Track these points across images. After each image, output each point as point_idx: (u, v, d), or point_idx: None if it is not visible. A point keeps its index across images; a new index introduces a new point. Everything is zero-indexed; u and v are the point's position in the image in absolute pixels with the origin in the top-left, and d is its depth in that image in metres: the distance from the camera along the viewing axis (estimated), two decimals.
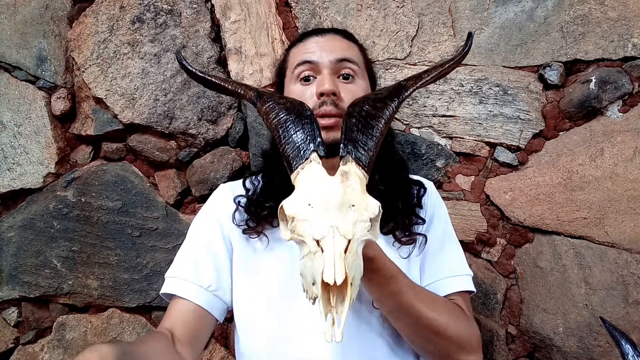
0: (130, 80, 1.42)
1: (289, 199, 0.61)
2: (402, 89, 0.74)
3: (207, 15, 1.42)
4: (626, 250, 1.14)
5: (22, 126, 1.50)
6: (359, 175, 0.62)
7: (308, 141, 0.66)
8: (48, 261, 1.45)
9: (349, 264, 0.53)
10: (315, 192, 0.59)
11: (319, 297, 0.53)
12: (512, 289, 1.24)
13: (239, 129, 1.40)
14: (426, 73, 0.78)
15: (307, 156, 0.64)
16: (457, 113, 1.27)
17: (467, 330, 0.83)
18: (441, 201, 1.00)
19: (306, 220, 0.57)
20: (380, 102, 0.72)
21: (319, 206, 0.58)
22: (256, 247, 0.91)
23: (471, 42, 0.82)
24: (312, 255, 0.55)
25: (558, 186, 1.20)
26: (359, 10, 1.34)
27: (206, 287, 0.87)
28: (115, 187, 1.43)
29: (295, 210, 0.59)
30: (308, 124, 0.68)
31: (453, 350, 0.81)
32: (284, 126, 0.68)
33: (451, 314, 0.82)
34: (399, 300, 0.77)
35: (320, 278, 0.52)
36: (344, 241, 0.55)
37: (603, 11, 1.20)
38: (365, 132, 0.67)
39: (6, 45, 1.52)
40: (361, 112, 0.69)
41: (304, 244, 0.57)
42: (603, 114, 1.20)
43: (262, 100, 0.74)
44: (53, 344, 1.46)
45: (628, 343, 0.86)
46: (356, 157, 0.64)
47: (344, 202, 0.58)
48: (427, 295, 0.82)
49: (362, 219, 0.58)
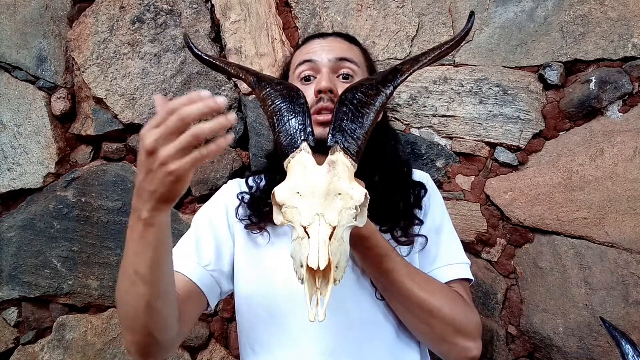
0: (130, 80, 1.42)
1: (280, 186, 0.64)
2: (397, 73, 0.75)
3: (207, 15, 1.42)
4: (626, 250, 1.14)
5: (22, 126, 1.50)
6: (347, 164, 0.65)
7: (300, 130, 0.68)
8: (48, 261, 1.45)
9: (332, 250, 0.57)
10: (303, 181, 0.63)
11: (304, 279, 0.57)
12: (512, 289, 1.24)
13: (239, 129, 1.40)
14: (424, 55, 0.77)
15: (297, 145, 0.67)
16: (457, 113, 1.27)
17: (463, 314, 0.82)
18: (437, 193, 1.01)
19: (295, 207, 0.61)
20: (373, 89, 0.73)
21: (307, 194, 0.61)
22: (258, 241, 0.92)
23: (472, 22, 0.80)
24: (300, 240, 0.59)
25: (558, 186, 1.20)
26: (359, 10, 1.34)
27: (204, 265, 0.88)
28: (115, 187, 1.43)
29: (285, 197, 0.62)
30: (300, 112, 0.70)
31: (448, 333, 0.81)
32: (279, 114, 0.71)
33: (446, 296, 0.82)
34: (392, 278, 0.79)
35: (306, 262, 0.56)
36: (329, 228, 0.59)
37: (603, 11, 1.20)
38: (355, 120, 0.69)
39: (6, 45, 1.52)
40: (353, 99, 0.71)
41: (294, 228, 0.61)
42: (603, 114, 1.20)
43: (261, 86, 0.77)
44: (53, 344, 1.46)
45: (628, 343, 0.86)
46: (344, 146, 0.66)
47: (330, 191, 0.61)
48: (421, 276, 0.83)
49: (348, 207, 0.61)
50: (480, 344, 0.84)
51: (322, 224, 0.59)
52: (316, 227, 0.58)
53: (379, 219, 0.85)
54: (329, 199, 0.61)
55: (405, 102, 1.30)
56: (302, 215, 0.60)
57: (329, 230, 0.58)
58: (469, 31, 0.80)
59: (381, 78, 0.75)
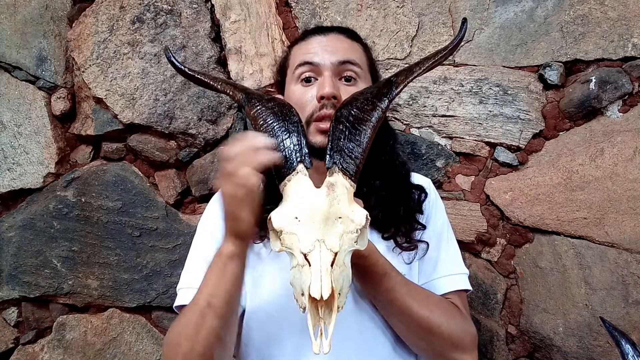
0: (130, 80, 1.42)
1: (276, 211, 0.62)
2: (392, 86, 0.73)
3: (207, 15, 1.42)
4: (626, 250, 1.14)
5: (22, 126, 1.50)
6: (346, 185, 0.63)
7: (295, 151, 0.66)
8: (48, 261, 1.45)
9: (335, 277, 0.55)
10: (301, 205, 0.60)
11: (307, 309, 0.55)
12: (512, 289, 1.24)
13: (239, 129, 1.40)
14: (417, 66, 0.76)
15: (294, 167, 0.64)
16: (457, 113, 1.27)
17: (461, 329, 0.82)
18: (439, 200, 0.99)
19: (293, 233, 0.58)
20: (369, 104, 0.71)
21: (306, 220, 0.59)
22: (260, 253, 0.89)
23: (465, 29, 0.79)
24: (300, 268, 0.56)
25: (558, 186, 1.20)
26: (359, 10, 1.34)
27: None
28: (115, 187, 1.43)
29: (282, 223, 0.60)
30: (295, 132, 0.68)
31: (446, 348, 0.81)
32: (272, 133, 0.69)
33: (445, 312, 0.82)
34: (392, 297, 0.77)
35: (308, 291, 0.54)
36: (330, 254, 0.56)
37: (603, 11, 1.20)
38: (352, 138, 0.67)
39: (6, 45, 1.52)
40: (349, 116, 0.69)
41: (293, 255, 0.58)
42: (603, 114, 1.20)
43: (251, 104, 0.74)
44: (53, 344, 1.46)
45: (628, 343, 0.86)
46: (342, 167, 0.64)
47: (330, 215, 0.59)
48: (420, 292, 0.82)
49: (349, 231, 0.59)
50: (476, 355, 0.85)
51: (323, 250, 0.56)
52: (317, 254, 0.56)
53: (381, 225, 0.85)
54: (329, 224, 0.58)
55: (405, 102, 1.30)
56: (301, 242, 0.57)
57: (330, 256, 0.56)
58: (462, 39, 0.80)
59: (376, 91, 0.73)
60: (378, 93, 0.72)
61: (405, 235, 0.87)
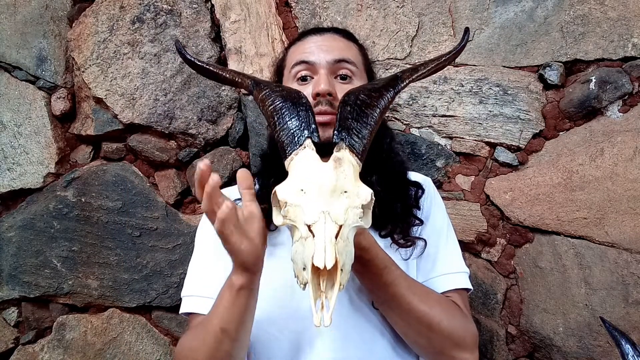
0: (130, 80, 1.42)
1: (282, 184, 0.61)
2: (398, 80, 0.75)
3: (207, 15, 1.42)
4: (626, 250, 1.14)
5: (22, 126, 1.50)
6: (352, 162, 0.63)
7: (303, 127, 0.66)
8: (48, 261, 1.45)
9: (339, 249, 0.54)
10: (308, 178, 0.60)
11: (309, 281, 0.54)
12: (512, 289, 1.24)
13: (239, 129, 1.40)
14: (422, 66, 0.78)
15: (301, 142, 0.64)
16: (457, 113, 1.27)
17: (461, 327, 0.82)
18: (439, 198, 0.99)
19: (298, 205, 0.58)
20: (376, 92, 0.72)
21: (312, 191, 0.58)
22: None
23: (467, 37, 0.83)
24: (303, 241, 0.56)
25: (558, 186, 1.20)
26: (359, 10, 1.34)
27: None
28: (115, 187, 1.43)
29: (287, 195, 0.59)
30: (303, 111, 0.68)
31: (447, 346, 0.80)
32: (279, 113, 0.69)
33: (445, 309, 0.81)
34: (392, 292, 0.77)
35: (310, 262, 0.53)
36: (335, 227, 0.56)
37: (603, 11, 1.20)
38: (359, 120, 0.67)
39: (6, 45, 1.52)
40: (356, 100, 0.70)
41: (296, 229, 0.58)
42: (603, 114, 1.20)
43: (259, 88, 0.75)
44: (53, 344, 1.46)
45: (628, 343, 0.86)
46: (350, 144, 0.64)
47: (337, 188, 0.58)
48: (420, 288, 0.82)
49: (354, 205, 0.59)
50: (477, 354, 0.84)
51: (328, 221, 0.55)
52: (322, 225, 0.55)
53: (378, 222, 0.84)
54: (335, 197, 0.58)
55: (405, 102, 1.30)
56: (306, 213, 0.57)
57: (335, 228, 0.55)
58: (464, 47, 0.84)
59: (384, 82, 0.75)
60: (385, 85, 0.74)
61: (402, 232, 0.87)
